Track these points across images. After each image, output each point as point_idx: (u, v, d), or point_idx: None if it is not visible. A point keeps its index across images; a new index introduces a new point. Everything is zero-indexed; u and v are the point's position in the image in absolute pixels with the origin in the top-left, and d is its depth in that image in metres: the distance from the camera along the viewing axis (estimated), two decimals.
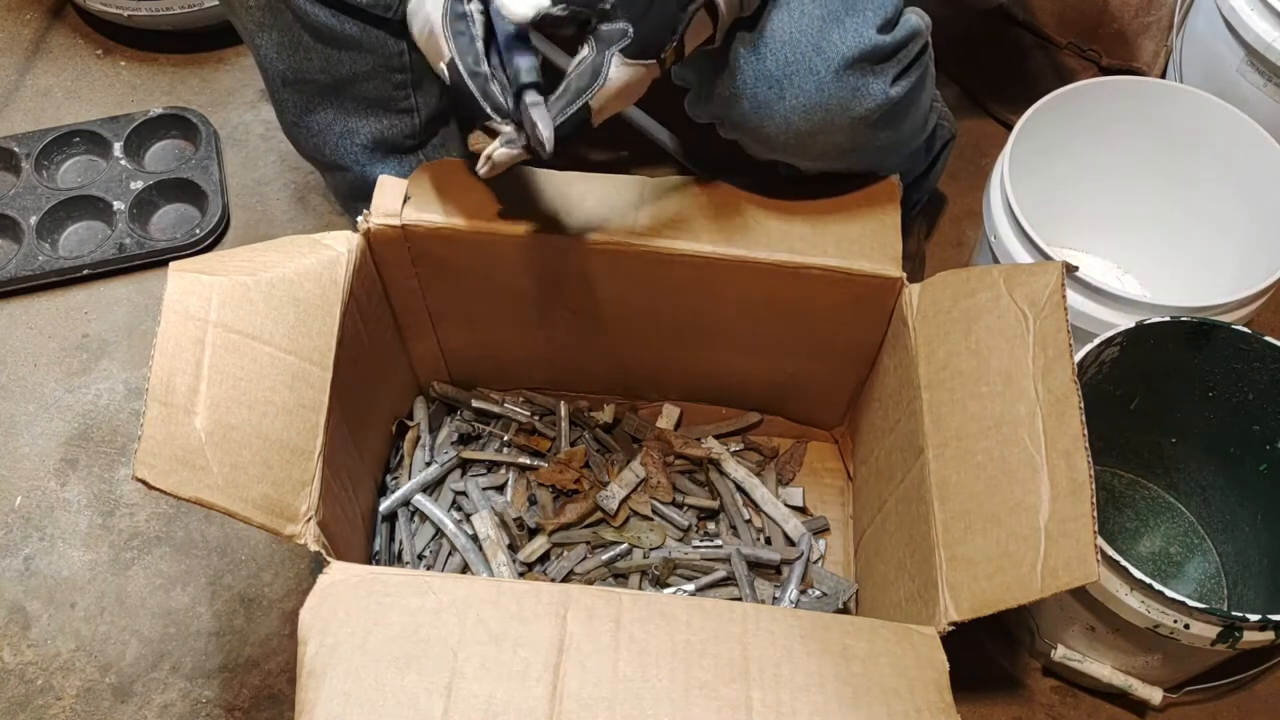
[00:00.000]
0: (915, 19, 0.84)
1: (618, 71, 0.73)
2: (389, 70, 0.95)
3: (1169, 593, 0.78)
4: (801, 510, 1.04)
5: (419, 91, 0.99)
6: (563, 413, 1.06)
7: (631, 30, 0.72)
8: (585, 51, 0.74)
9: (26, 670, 0.98)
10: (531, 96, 0.72)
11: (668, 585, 0.97)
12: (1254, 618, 0.78)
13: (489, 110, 0.74)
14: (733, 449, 1.06)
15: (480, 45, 0.74)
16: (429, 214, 0.88)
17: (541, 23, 0.71)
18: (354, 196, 1.05)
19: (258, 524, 0.71)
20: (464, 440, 1.06)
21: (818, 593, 0.98)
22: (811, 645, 0.69)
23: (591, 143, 1.25)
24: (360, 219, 0.87)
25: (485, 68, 0.74)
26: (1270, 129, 1.02)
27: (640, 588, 0.98)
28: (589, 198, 0.89)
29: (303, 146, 1.04)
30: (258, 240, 0.81)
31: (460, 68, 0.74)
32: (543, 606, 0.70)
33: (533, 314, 0.97)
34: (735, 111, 0.82)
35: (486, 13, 0.75)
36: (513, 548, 0.98)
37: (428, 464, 1.03)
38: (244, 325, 0.76)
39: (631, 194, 0.89)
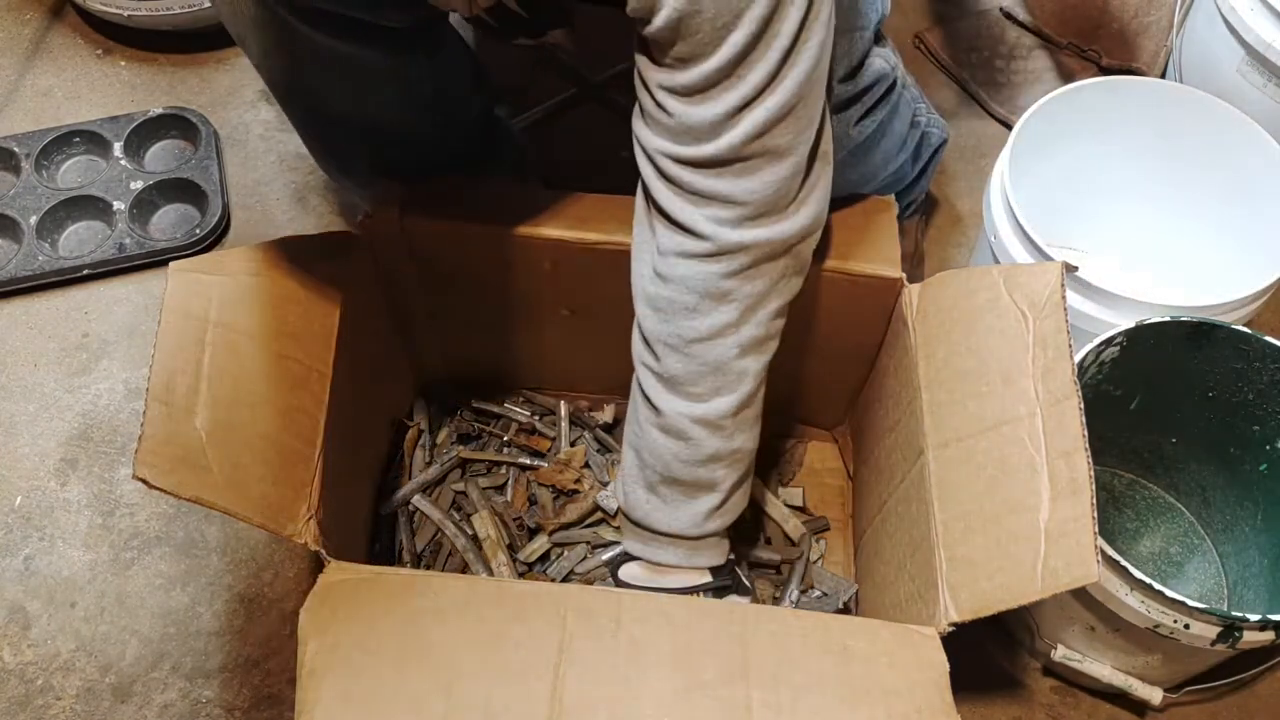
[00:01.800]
0: (880, 63, 0.84)
1: None
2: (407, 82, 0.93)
3: (1169, 593, 0.78)
4: (801, 510, 1.04)
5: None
6: (563, 413, 1.06)
7: None
8: None
9: (26, 670, 0.98)
10: None
11: None
12: (1254, 618, 0.78)
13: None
14: None
15: None
16: (429, 214, 0.88)
17: None
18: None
19: (258, 524, 0.71)
20: (464, 440, 1.06)
21: (818, 593, 0.98)
22: (811, 645, 0.69)
23: (591, 142, 1.25)
24: (360, 219, 0.87)
25: None
26: (1270, 129, 1.02)
27: None
28: (589, 198, 0.89)
29: (334, 174, 1.02)
30: (258, 240, 0.81)
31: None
32: (543, 606, 0.70)
33: (533, 314, 0.97)
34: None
35: None
36: (513, 548, 0.98)
37: (428, 464, 1.03)
38: (244, 325, 0.76)
39: (631, 194, 0.89)
